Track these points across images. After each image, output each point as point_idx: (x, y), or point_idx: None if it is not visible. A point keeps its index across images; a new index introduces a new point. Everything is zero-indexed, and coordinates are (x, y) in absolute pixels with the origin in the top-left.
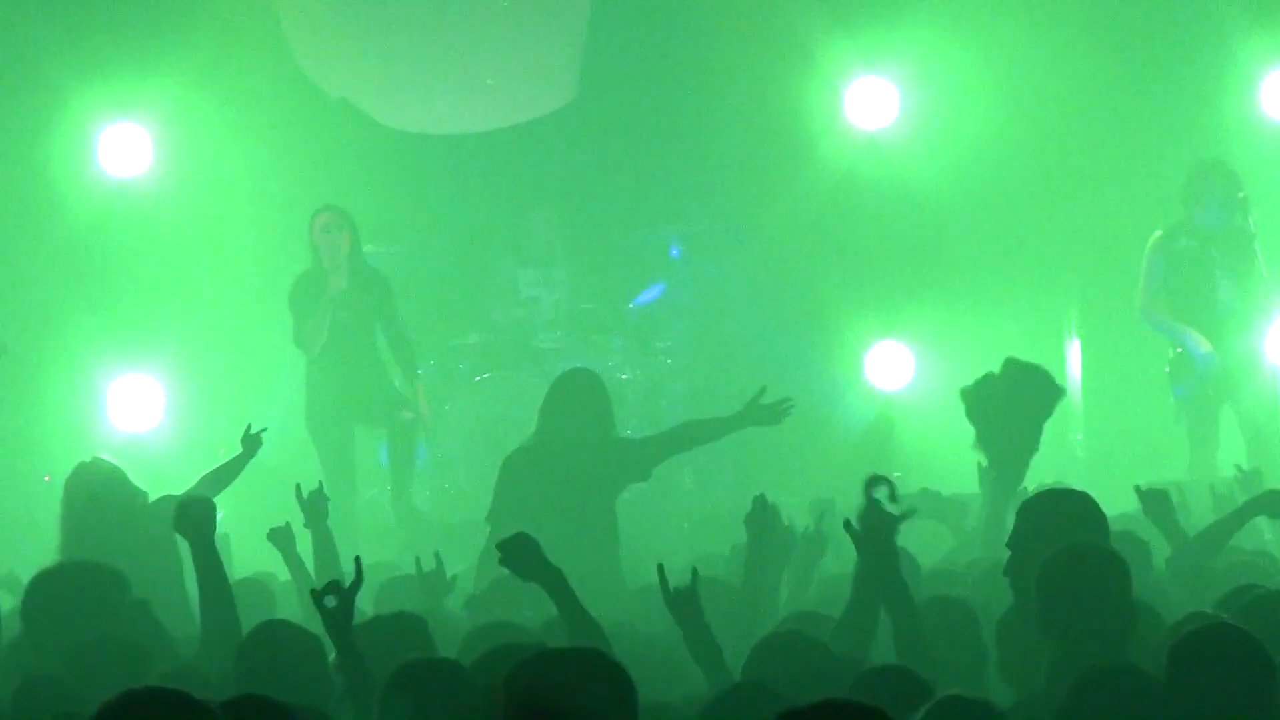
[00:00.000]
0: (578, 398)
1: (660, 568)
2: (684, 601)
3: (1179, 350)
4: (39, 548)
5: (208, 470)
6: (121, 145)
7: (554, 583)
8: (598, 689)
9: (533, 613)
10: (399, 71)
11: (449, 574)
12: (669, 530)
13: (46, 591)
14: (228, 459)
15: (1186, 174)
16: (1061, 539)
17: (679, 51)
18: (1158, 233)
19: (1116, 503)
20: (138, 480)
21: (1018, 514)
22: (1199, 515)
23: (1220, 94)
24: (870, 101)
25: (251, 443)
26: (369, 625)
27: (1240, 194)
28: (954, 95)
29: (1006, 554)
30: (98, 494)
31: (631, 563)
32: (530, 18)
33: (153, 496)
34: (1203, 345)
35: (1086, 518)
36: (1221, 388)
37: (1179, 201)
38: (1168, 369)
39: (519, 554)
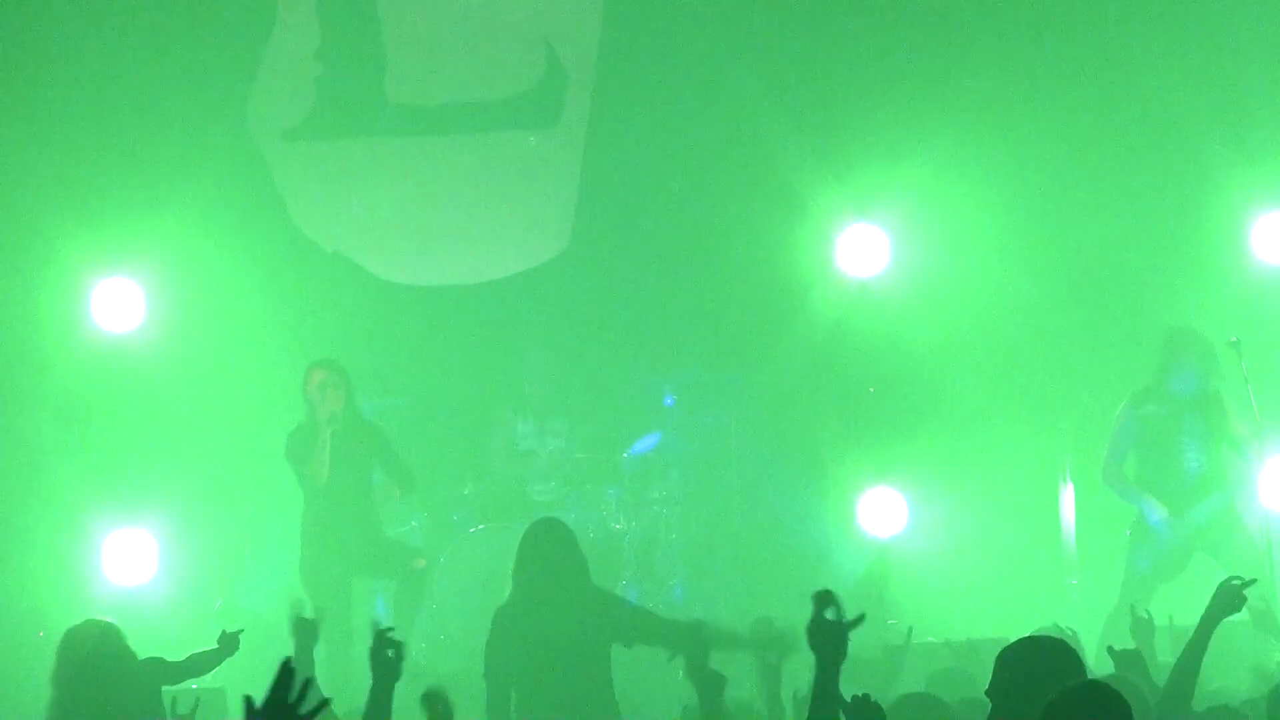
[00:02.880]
0: (548, 549)
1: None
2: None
3: (1138, 519)
4: (33, 704)
5: (191, 653)
6: (114, 299)
7: None
8: None
9: None
10: (392, 224)
11: None
12: (665, 676)
13: None
14: (206, 649)
15: (1160, 341)
16: (1041, 687)
17: (671, 200)
18: (1126, 399)
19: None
20: (132, 635)
21: (997, 661)
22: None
23: (1211, 239)
24: (862, 249)
25: (228, 643)
26: None
27: (1212, 361)
28: (945, 242)
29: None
30: (89, 657)
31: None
32: (522, 169)
33: (147, 651)
34: (1160, 511)
35: (1066, 665)
36: (1183, 556)
37: (1152, 368)
38: (1128, 533)
39: None
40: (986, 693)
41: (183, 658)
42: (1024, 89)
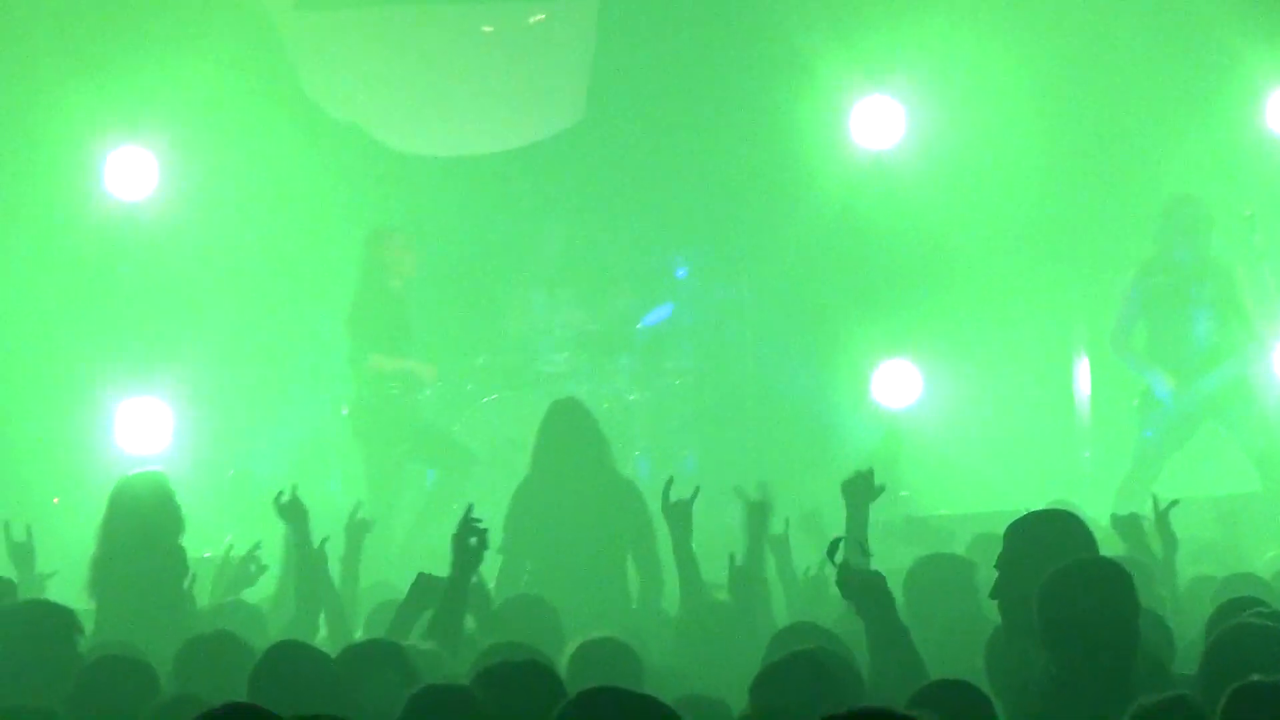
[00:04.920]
0: (568, 430)
1: (669, 481)
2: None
3: (1146, 389)
4: (52, 569)
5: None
6: (128, 168)
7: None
8: None
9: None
10: (405, 94)
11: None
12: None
13: None
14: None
15: (1161, 209)
16: (1050, 560)
17: (683, 71)
18: (1135, 269)
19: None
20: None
21: (1006, 535)
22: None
23: (1225, 112)
24: (875, 121)
25: (291, 511)
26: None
27: (1210, 226)
28: (960, 113)
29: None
30: (138, 517)
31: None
32: (537, 39)
33: None
34: (1166, 384)
35: (1075, 538)
36: (1191, 426)
37: (1153, 238)
38: (1136, 402)
39: None
40: (995, 565)
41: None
42: None
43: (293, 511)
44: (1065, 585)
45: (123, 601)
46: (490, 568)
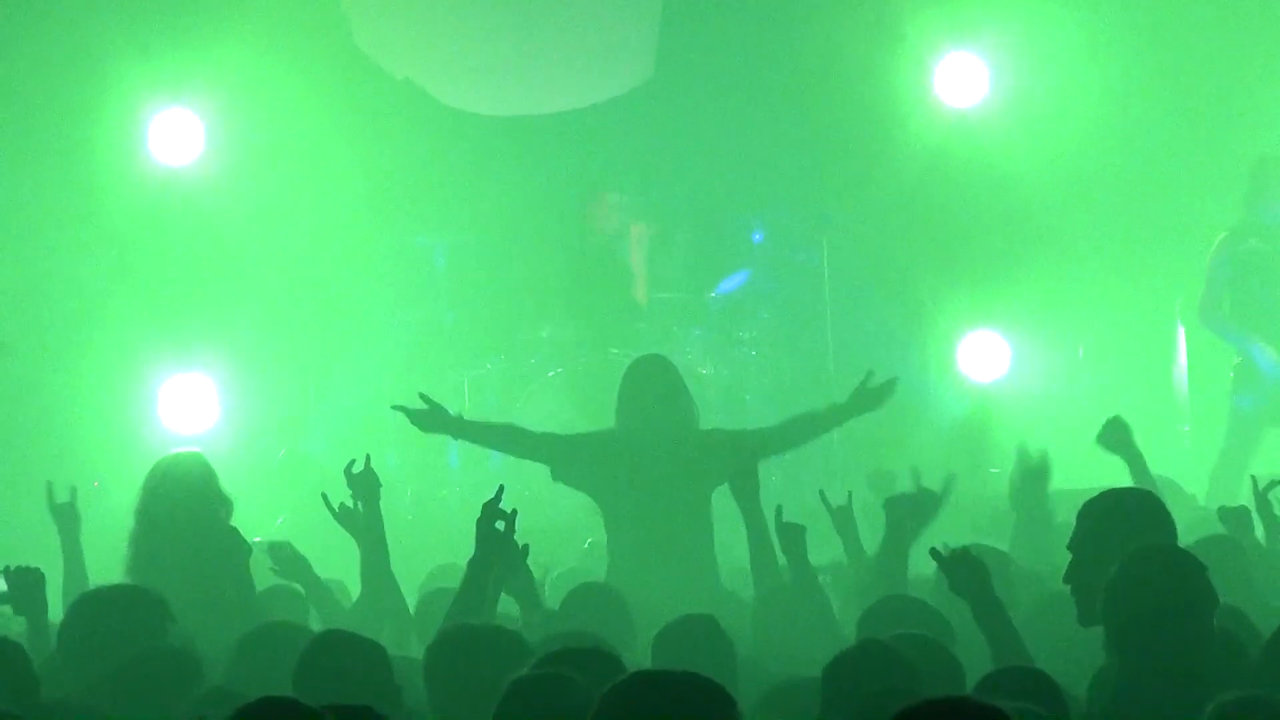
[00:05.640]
0: (654, 386)
1: (778, 509)
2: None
3: (1241, 359)
4: (93, 553)
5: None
6: (173, 131)
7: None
8: (701, 713)
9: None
10: (466, 50)
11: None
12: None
13: (85, 615)
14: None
15: (1248, 171)
16: (1126, 542)
17: (759, 26)
18: (1223, 234)
19: (1232, 495)
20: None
21: (1079, 516)
22: None
23: None
24: (960, 78)
25: (364, 482)
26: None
27: None
28: (1048, 70)
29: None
30: (183, 499)
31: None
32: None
33: None
34: (1268, 354)
35: (1153, 520)
36: None
37: (1241, 201)
38: (1231, 374)
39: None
40: (1068, 546)
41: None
42: None
43: (365, 484)
44: (1130, 575)
45: (170, 587)
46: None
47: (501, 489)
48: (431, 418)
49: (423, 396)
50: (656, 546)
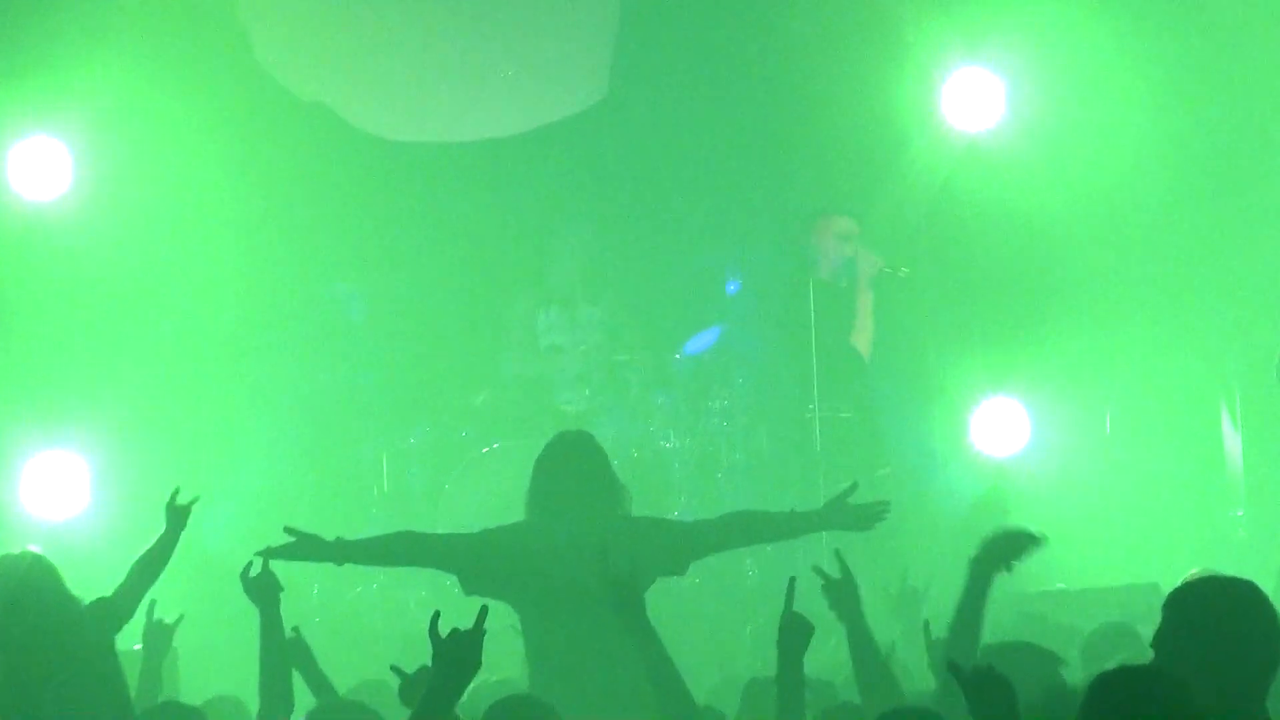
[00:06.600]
0: (572, 469)
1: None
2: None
3: None
4: None
5: (136, 558)
6: (36, 162)
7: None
8: None
9: None
10: (389, 68)
11: None
12: (725, 635)
13: None
14: (154, 541)
15: None
16: (1223, 640)
17: (737, 36)
18: None
19: None
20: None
21: (1166, 607)
22: None
23: None
24: (972, 97)
25: (177, 516)
26: None
27: None
28: (1074, 87)
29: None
30: (20, 598)
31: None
32: (553, 4)
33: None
34: None
35: (1254, 615)
36: None
37: None
38: None
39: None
40: (1152, 644)
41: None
42: None
43: (262, 588)
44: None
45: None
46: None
47: (485, 611)
48: (302, 551)
49: (289, 530)
50: (580, 660)
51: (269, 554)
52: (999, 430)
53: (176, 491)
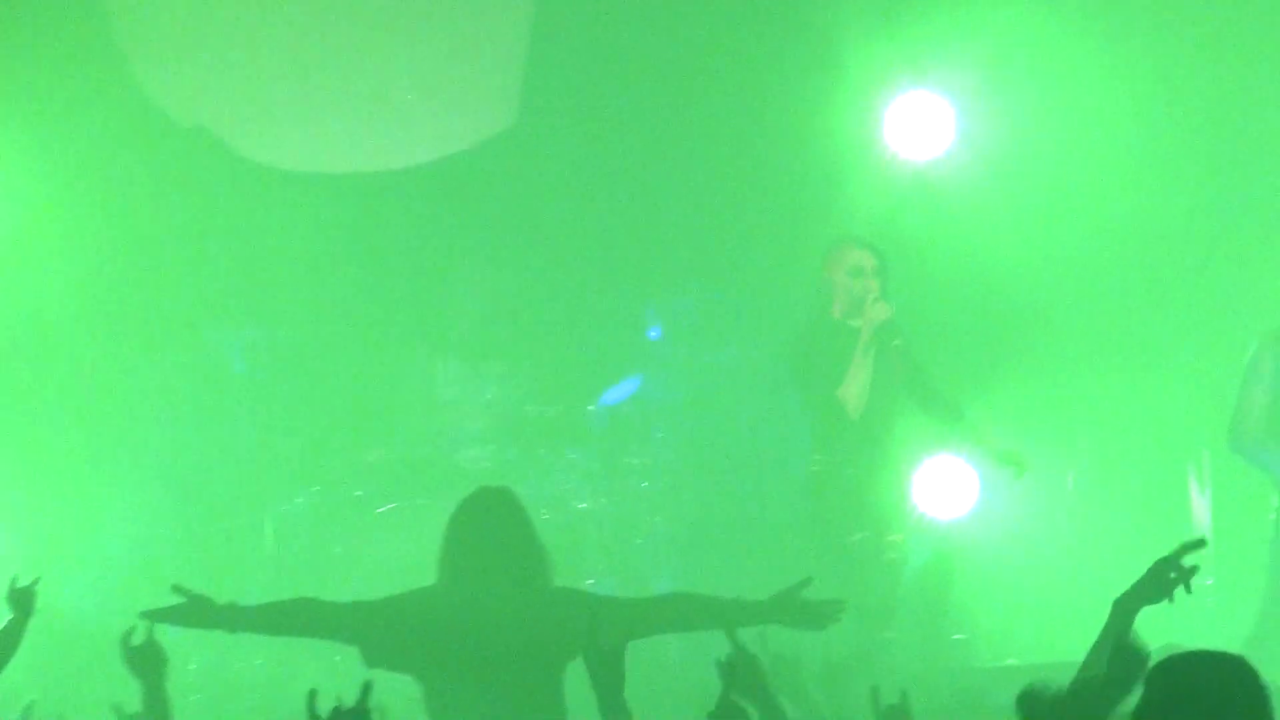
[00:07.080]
0: (487, 530)
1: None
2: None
3: None
4: None
5: None
6: None
7: None
8: None
9: None
10: (274, 90)
11: None
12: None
13: None
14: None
15: None
16: (1210, 717)
17: (656, 57)
18: (1262, 337)
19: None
20: None
21: (1146, 681)
22: None
23: None
24: (917, 123)
25: (21, 602)
26: None
27: None
28: (1031, 112)
29: None
30: None
31: None
32: (455, 19)
33: None
34: None
35: (1243, 690)
36: None
37: None
38: (1273, 516)
39: None
40: (1133, 718)
41: None
42: None
43: (145, 659)
44: None
45: None
46: None
47: (369, 687)
48: (192, 616)
49: (177, 589)
50: None
51: (153, 616)
52: (944, 491)
53: (16, 577)
